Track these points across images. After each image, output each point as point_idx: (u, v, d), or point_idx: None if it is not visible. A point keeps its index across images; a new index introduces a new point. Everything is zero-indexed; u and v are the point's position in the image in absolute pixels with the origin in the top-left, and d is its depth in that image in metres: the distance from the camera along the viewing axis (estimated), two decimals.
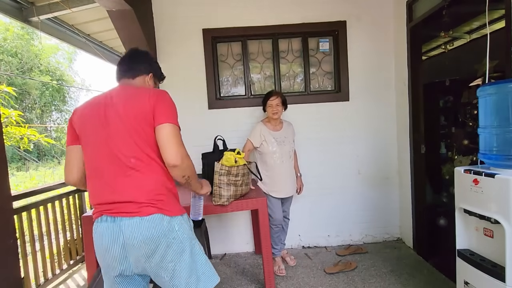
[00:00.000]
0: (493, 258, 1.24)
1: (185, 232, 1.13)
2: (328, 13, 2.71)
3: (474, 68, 2.40)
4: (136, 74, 1.25)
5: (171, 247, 1.08)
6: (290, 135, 2.42)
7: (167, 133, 1.09)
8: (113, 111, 1.10)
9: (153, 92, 1.13)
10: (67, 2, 2.71)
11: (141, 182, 1.07)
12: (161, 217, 1.07)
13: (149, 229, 1.04)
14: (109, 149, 1.08)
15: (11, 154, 13.02)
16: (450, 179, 2.64)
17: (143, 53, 1.31)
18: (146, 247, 1.05)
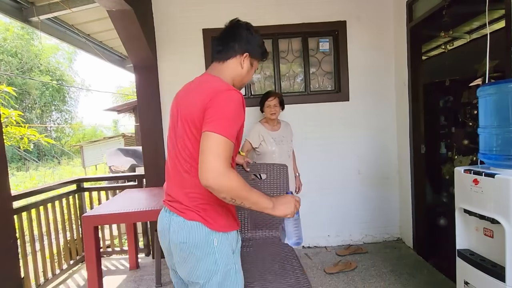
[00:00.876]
0: (493, 258, 1.24)
1: (223, 251, 0.97)
2: (328, 13, 2.71)
3: (474, 68, 2.40)
4: (227, 56, 1.06)
5: (203, 262, 0.96)
6: (288, 135, 2.42)
7: (211, 144, 0.86)
8: (179, 106, 1.04)
9: (213, 93, 0.93)
10: (67, 2, 2.71)
11: (191, 186, 0.98)
12: (200, 226, 0.96)
13: (186, 233, 0.96)
14: (174, 145, 1.04)
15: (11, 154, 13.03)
16: (450, 179, 2.64)
17: (241, 26, 1.08)
18: (180, 250, 0.98)
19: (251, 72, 1.13)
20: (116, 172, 5.68)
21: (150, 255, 2.85)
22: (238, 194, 0.87)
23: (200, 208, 0.97)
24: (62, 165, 14.57)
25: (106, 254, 2.93)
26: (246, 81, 1.15)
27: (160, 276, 2.31)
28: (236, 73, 1.08)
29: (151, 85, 2.68)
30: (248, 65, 1.09)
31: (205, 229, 0.96)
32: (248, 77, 1.13)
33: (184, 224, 0.97)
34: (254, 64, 1.12)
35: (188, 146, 0.97)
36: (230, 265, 0.99)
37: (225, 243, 0.98)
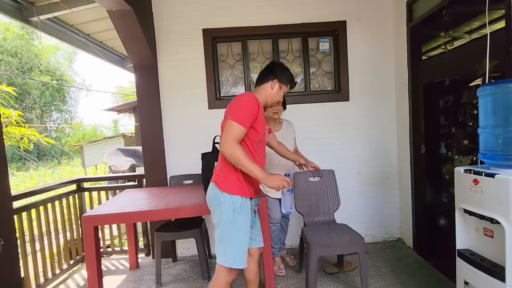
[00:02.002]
0: (493, 258, 1.24)
1: (225, 207, 1.41)
2: (328, 13, 2.71)
3: (474, 68, 2.39)
4: (261, 82, 1.61)
5: (216, 211, 1.45)
6: (289, 134, 2.41)
7: (227, 128, 1.39)
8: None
9: (241, 94, 1.50)
10: (67, 2, 2.71)
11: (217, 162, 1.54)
12: (214, 186, 1.47)
13: (209, 190, 1.50)
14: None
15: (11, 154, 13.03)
16: (450, 179, 2.64)
17: (274, 64, 1.65)
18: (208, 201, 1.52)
19: (280, 93, 1.62)
20: (116, 172, 5.68)
21: (150, 255, 2.85)
22: (239, 160, 1.36)
23: (216, 174, 1.49)
24: (62, 165, 14.57)
25: (106, 254, 2.93)
26: (276, 100, 1.63)
27: (160, 276, 2.31)
28: (267, 93, 1.60)
29: (151, 85, 2.68)
30: (278, 88, 1.59)
31: (216, 188, 1.45)
32: (277, 97, 1.62)
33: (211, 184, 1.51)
34: (282, 87, 1.61)
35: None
36: (229, 218, 1.41)
37: (228, 201, 1.42)
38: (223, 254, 1.41)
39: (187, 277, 2.42)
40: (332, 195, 2.35)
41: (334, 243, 1.92)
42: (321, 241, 1.94)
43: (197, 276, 2.42)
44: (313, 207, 2.32)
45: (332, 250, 1.95)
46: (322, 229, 2.13)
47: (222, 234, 1.41)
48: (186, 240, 2.69)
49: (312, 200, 2.33)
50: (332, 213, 2.32)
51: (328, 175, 2.40)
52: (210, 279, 2.32)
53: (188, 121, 2.75)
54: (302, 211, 2.30)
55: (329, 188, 2.37)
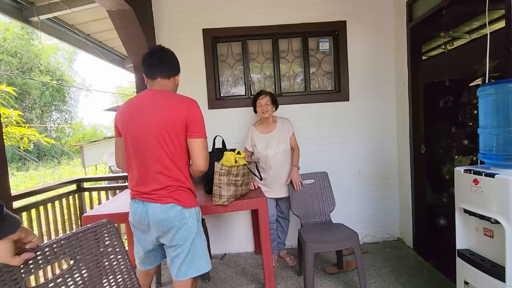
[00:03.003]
0: (493, 258, 1.24)
1: (192, 220, 1.36)
2: (328, 13, 2.71)
3: (474, 68, 2.40)
4: (170, 74, 1.46)
5: (181, 229, 1.33)
6: (284, 134, 2.36)
7: (201, 147, 1.35)
8: (150, 118, 1.30)
9: (188, 104, 1.35)
10: (67, 2, 2.71)
11: (166, 181, 1.32)
12: (174, 205, 1.32)
13: (165, 212, 1.31)
14: (145, 149, 1.31)
15: (11, 154, 13.03)
16: (450, 179, 2.64)
17: (172, 52, 1.50)
18: (162, 226, 1.32)
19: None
20: (116, 172, 5.68)
21: None
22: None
23: (176, 192, 1.33)
24: (62, 165, 14.56)
25: None
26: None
27: (160, 276, 2.31)
28: (172, 89, 1.51)
29: None
30: (178, 82, 1.56)
31: (177, 206, 1.32)
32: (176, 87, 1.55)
33: (162, 207, 1.31)
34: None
35: (165, 149, 1.30)
36: (198, 230, 1.38)
37: (193, 214, 1.37)
38: (197, 266, 1.37)
39: None
40: (327, 197, 2.38)
41: (329, 239, 1.98)
42: (316, 238, 1.99)
43: (197, 276, 2.42)
44: (308, 209, 2.34)
45: (327, 246, 1.96)
46: (318, 229, 2.17)
47: (195, 247, 1.36)
48: None
49: (307, 202, 2.36)
50: (328, 214, 2.34)
51: (322, 177, 2.43)
52: (210, 279, 2.33)
53: None
54: (298, 214, 2.32)
55: (323, 189, 2.40)
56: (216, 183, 1.83)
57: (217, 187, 1.83)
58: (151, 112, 1.30)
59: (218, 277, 2.38)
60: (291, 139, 2.40)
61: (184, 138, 1.33)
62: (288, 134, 2.38)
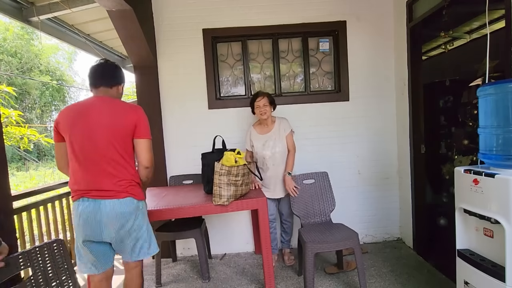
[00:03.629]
0: (493, 258, 1.24)
1: (144, 210, 1.56)
2: (328, 13, 2.71)
3: (474, 68, 2.40)
4: (112, 83, 1.54)
5: (138, 218, 1.49)
6: (281, 134, 2.35)
7: (146, 146, 1.50)
8: (99, 120, 1.42)
9: (135, 109, 1.50)
10: (67, 2, 2.71)
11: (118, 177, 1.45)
12: (132, 199, 1.47)
13: (125, 205, 1.45)
14: (96, 151, 1.42)
15: (11, 154, 13.01)
16: (450, 179, 2.64)
17: (116, 65, 1.60)
18: (117, 220, 1.44)
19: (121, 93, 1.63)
20: None
21: None
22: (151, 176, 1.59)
23: (130, 187, 1.47)
24: None
25: None
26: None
27: (160, 276, 2.31)
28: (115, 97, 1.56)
29: (151, 85, 2.68)
30: (122, 92, 1.62)
31: (134, 200, 1.47)
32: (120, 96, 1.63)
33: (120, 201, 1.43)
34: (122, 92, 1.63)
35: (117, 149, 1.44)
36: (147, 217, 1.58)
37: (145, 206, 1.57)
38: (153, 247, 1.59)
39: (187, 277, 2.42)
40: (327, 196, 2.38)
41: (329, 239, 2.00)
42: (316, 238, 2.00)
43: (197, 276, 2.42)
44: (309, 209, 2.35)
45: (327, 246, 1.97)
46: (318, 229, 2.18)
47: (150, 231, 1.57)
48: (186, 240, 2.68)
49: (307, 202, 2.36)
50: (328, 214, 2.35)
51: (322, 177, 2.43)
52: (210, 279, 2.33)
53: (188, 121, 2.75)
54: (298, 214, 2.32)
55: (323, 189, 2.40)
56: (216, 183, 1.83)
57: (217, 187, 1.83)
58: (101, 115, 1.43)
59: (218, 277, 2.38)
60: (288, 139, 2.36)
61: (131, 139, 1.48)
62: (285, 133, 2.36)
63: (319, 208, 2.36)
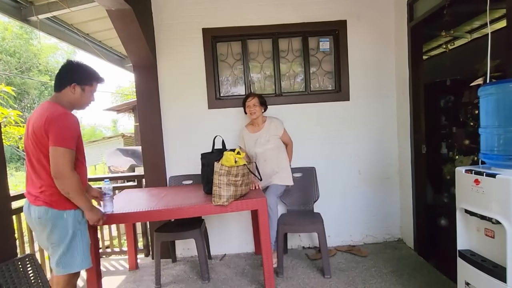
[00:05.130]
0: (494, 259, 1.24)
1: (70, 222, 1.50)
2: (328, 13, 2.70)
3: (475, 68, 2.39)
4: (60, 87, 1.53)
5: (56, 230, 1.47)
6: (272, 132, 2.42)
7: (53, 154, 1.42)
8: (28, 126, 1.49)
9: (49, 117, 1.42)
10: (66, 1, 2.70)
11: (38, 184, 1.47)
12: (47, 208, 1.45)
13: (41, 213, 1.45)
14: (27, 155, 1.50)
15: (9, 154, 12.99)
16: (451, 179, 2.63)
17: (68, 65, 1.56)
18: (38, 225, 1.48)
19: (87, 95, 1.58)
20: (115, 172, 5.67)
21: (150, 256, 2.84)
22: (72, 190, 1.44)
23: (46, 195, 1.45)
24: None
25: (105, 254, 2.92)
26: (86, 102, 1.60)
27: (159, 277, 2.31)
28: (71, 99, 1.54)
29: (151, 85, 2.67)
30: (80, 91, 1.54)
31: (53, 210, 1.45)
32: (85, 99, 1.58)
33: (36, 208, 1.46)
34: (86, 89, 1.56)
35: (39, 155, 1.45)
36: (75, 231, 1.51)
37: (71, 216, 1.50)
38: (70, 264, 1.50)
39: (186, 278, 2.41)
40: (312, 189, 2.64)
41: (297, 223, 2.38)
42: (288, 222, 2.37)
43: (196, 276, 2.42)
44: (293, 198, 2.67)
45: (293, 228, 2.41)
46: (296, 215, 2.51)
47: (70, 247, 1.49)
48: (185, 240, 2.68)
49: (294, 192, 2.65)
50: (312, 204, 2.61)
51: (309, 172, 2.67)
52: (210, 280, 2.32)
53: (188, 121, 2.74)
54: (286, 201, 2.65)
55: (309, 182, 2.65)
56: (216, 183, 1.83)
57: (217, 187, 1.83)
58: (30, 121, 1.49)
59: (218, 277, 2.37)
60: (283, 136, 2.47)
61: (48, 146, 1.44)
62: (277, 131, 2.44)
63: (303, 198, 2.64)
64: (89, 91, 1.58)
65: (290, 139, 2.53)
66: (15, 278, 1.22)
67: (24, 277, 1.25)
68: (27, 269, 1.26)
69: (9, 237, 1.72)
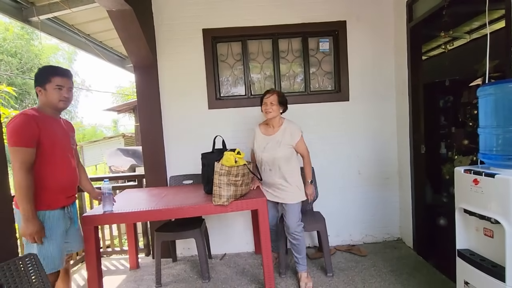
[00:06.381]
0: (493, 258, 1.24)
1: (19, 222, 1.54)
2: (328, 13, 2.71)
3: (474, 68, 2.40)
4: (36, 95, 1.61)
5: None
6: (285, 140, 2.14)
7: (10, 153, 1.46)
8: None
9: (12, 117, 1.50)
10: (67, 2, 2.71)
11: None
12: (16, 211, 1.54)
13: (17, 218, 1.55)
14: None
15: None
16: (450, 179, 2.64)
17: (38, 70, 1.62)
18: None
19: (52, 92, 1.57)
20: (116, 172, 5.68)
21: (150, 255, 2.85)
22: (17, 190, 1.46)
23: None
24: None
25: (106, 254, 2.93)
26: (56, 99, 1.59)
27: (160, 276, 2.31)
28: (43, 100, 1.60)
29: (151, 85, 2.68)
30: (44, 91, 1.57)
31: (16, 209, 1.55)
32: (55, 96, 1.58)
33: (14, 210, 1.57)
34: (47, 87, 1.57)
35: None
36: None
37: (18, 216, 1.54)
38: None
39: (187, 277, 2.42)
40: None
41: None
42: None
43: (197, 276, 2.42)
44: None
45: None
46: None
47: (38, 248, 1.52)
48: (186, 240, 2.68)
49: None
50: (311, 204, 2.57)
51: None
52: (210, 279, 2.33)
53: (188, 121, 2.75)
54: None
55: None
56: (216, 183, 1.83)
57: (217, 187, 1.83)
58: None
59: (218, 277, 2.38)
60: (298, 146, 2.16)
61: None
62: (292, 139, 2.14)
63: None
64: (51, 88, 1.57)
65: (306, 149, 2.20)
66: (16, 278, 1.22)
67: (25, 276, 1.25)
68: (28, 269, 1.27)
69: (10, 236, 1.73)
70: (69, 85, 1.63)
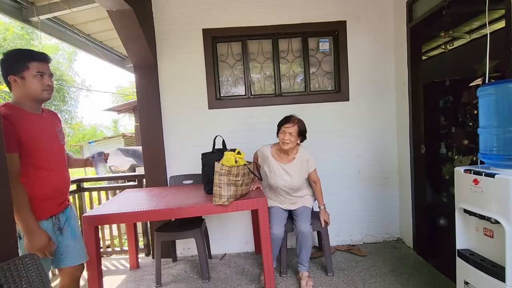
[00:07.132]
0: (493, 258, 1.24)
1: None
2: (328, 13, 2.71)
3: (474, 68, 2.39)
4: (7, 85, 1.36)
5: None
6: (303, 169, 2.16)
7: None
8: None
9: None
10: (67, 2, 2.71)
11: None
12: None
13: None
14: None
15: None
16: (450, 179, 2.64)
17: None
18: None
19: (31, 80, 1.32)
20: (116, 172, 5.68)
21: (150, 255, 2.85)
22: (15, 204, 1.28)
23: None
24: None
25: (106, 254, 2.93)
26: (38, 88, 1.34)
27: (160, 276, 2.31)
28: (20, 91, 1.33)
29: (151, 85, 2.68)
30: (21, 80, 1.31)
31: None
32: (35, 85, 1.33)
33: None
34: (24, 75, 1.31)
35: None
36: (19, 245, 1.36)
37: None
38: None
39: (187, 277, 2.42)
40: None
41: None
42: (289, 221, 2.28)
43: (197, 276, 2.42)
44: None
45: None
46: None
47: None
48: (186, 240, 2.69)
49: None
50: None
51: None
52: (210, 279, 2.33)
53: (188, 121, 2.75)
54: None
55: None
56: (216, 183, 1.83)
57: (217, 187, 1.83)
58: None
59: (218, 277, 2.38)
60: (312, 173, 2.23)
61: None
62: (308, 167, 2.19)
63: None
64: (30, 75, 1.32)
65: (318, 177, 2.26)
66: (16, 278, 1.22)
67: (25, 276, 1.25)
68: (28, 269, 1.26)
69: (10, 236, 1.73)
70: (50, 72, 1.40)
